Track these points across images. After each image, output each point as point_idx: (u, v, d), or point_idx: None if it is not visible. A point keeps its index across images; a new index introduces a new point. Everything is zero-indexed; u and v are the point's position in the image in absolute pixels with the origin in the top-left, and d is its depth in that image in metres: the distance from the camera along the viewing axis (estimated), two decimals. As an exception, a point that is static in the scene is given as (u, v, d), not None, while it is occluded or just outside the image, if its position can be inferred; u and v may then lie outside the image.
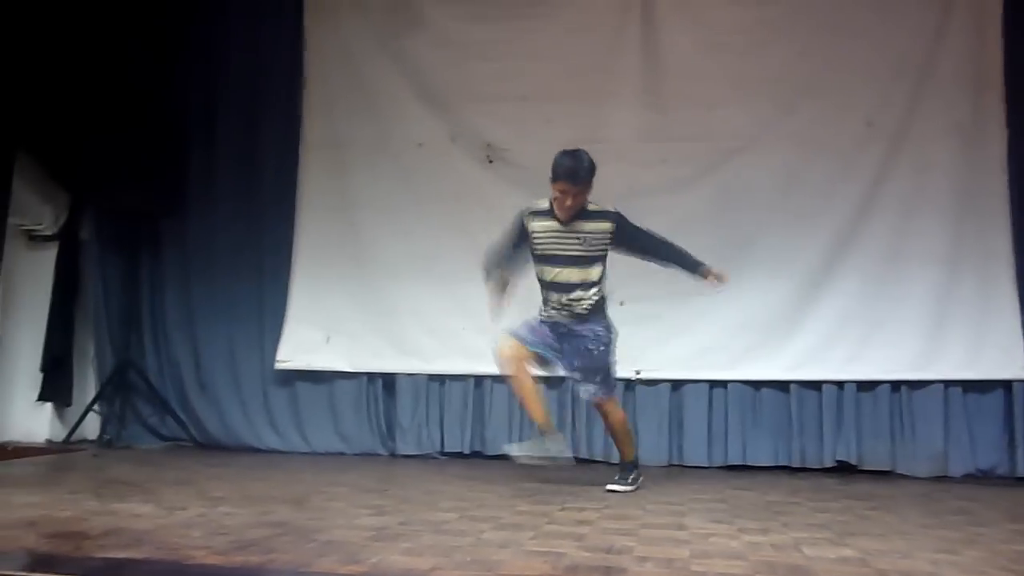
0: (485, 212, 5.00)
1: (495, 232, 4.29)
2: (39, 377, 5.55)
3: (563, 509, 3.52)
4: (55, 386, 5.58)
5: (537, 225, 4.15)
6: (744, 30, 5.29)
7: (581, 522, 3.24)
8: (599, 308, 4.20)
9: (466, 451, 5.42)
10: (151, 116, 5.49)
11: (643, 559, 2.61)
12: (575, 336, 4.17)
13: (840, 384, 5.11)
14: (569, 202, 4.05)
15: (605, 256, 4.17)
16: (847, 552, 2.79)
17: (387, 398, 5.58)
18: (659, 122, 5.33)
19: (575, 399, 5.32)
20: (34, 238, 5.64)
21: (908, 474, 4.96)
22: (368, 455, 5.43)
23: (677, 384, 5.28)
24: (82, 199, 5.64)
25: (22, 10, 5.08)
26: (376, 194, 5.55)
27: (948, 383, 5.00)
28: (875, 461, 5.03)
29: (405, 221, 5.48)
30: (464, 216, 5.34)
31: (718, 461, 5.18)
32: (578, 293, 4.13)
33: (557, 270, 4.14)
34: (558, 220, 4.12)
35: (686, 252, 4.26)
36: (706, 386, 5.24)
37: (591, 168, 4.08)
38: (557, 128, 5.28)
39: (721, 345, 5.19)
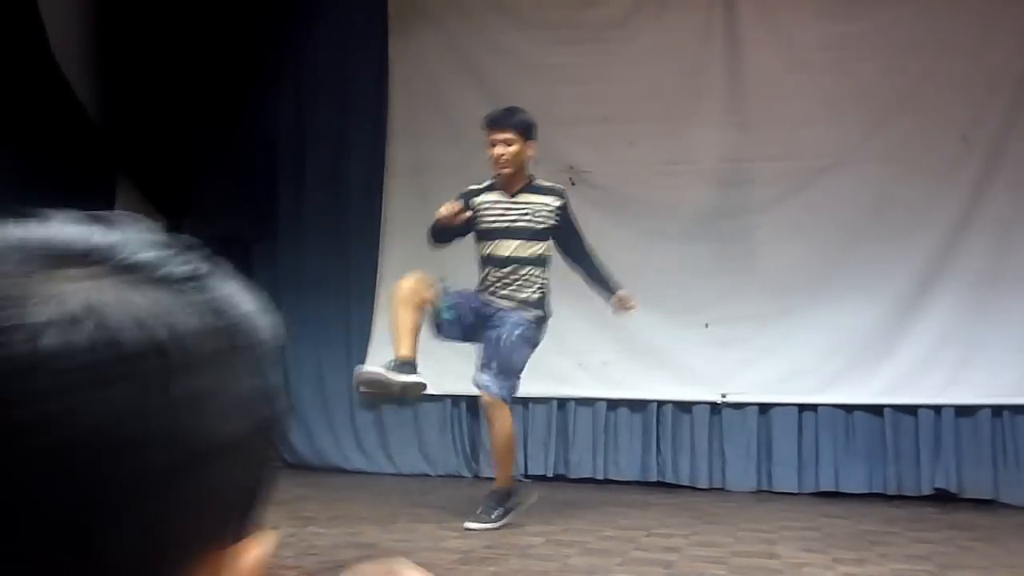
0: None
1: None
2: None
3: (649, 535, 3.48)
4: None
5: (480, 200, 3.97)
6: (831, 47, 5.19)
7: (669, 549, 3.19)
8: (539, 299, 3.92)
9: (549, 474, 5.39)
10: (244, 144, 5.67)
11: (735, 588, 2.56)
12: (499, 321, 3.87)
13: (937, 408, 4.93)
14: (499, 150, 3.84)
15: (549, 237, 3.94)
16: (950, 586, 2.68)
17: (471, 420, 5.60)
18: (744, 142, 5.26)
19: (661, 421, 5.26)
20: (133, 264, 5.86)
21: (1012, 503, 4.74)
22: (452, 476, 5.46)
23: (765, 408, 5.17)
24: (179, 225, 5.84)
25: (123, 43, 5.32)
26: (459, 217, 5.60)
27: (1054, 408, 4.78)
28: (977, 489, 4.83)
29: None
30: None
31: (809, 487, 5.04)
32: (516, 269, 3.89)
33: (495, 242, 3.92)
34: (502, 191, 3.95)
35: (603, 269, 4.06)
36: (795, 410, 5.12)
37: (524, 120, 3.90)
38: (639, 150, 5.26)
39: (810, 368, 5.06)
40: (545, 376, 5.32)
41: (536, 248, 3.93)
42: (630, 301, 4.04)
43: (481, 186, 4.03)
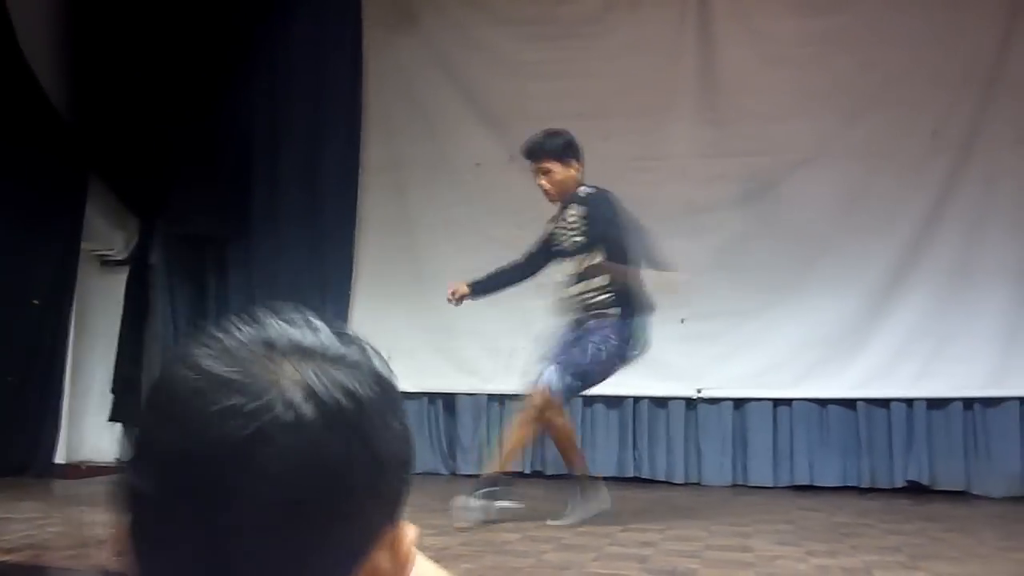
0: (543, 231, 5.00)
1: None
2: (110, 397, 5.69)
3: (625, 530, 3.48)
4: (126, 406, 5.71)
5: (549, 223, 3.97)
6: (804, 42, 5.22)
7: (644, 543, 3.20)
8: (615, 306, 3.71)
9: (527, 471, 5.39)
10: (217, 144, 5.63)
11: (708, 582, 2.57)
12: (580, 329, 3.74)
13: (910, 402, 4.97)
14: (540, 181, 3.82)
15: (593, 245, 3.76)
16: (921, 576, 2.71)
17: (448, 417, 5.60)
18: (718, 137, 5.28)
19: (637, 417, 5.28)
20: (106, 263, 5.80)
21: (983, 494, 4.79)
22: (429, 474, 5.45)
23: (740, 402, 5.20)
24: (151, 224, 5.80)
25: (94, 42, 5.26)
26: (435, 214, 5.60)
27: (1024, 400, 4.84)
28: (949, 481, 4.88)
29: (464, 240, 5.50)
30: (522, 234, 5.34)
31: (784, 481, 5.07)
32: (576, 289, 3.78)
33: (556, 265, 3.91)
34: (556, 208, 3.91)
35: (650, 254, 3.85)
36: (770, 404, 5.15)
37: (555, 145, 3.80)
38: (614, 145, 5.26)
39: (784, 362, 5.10)
40: (522, 373, 5.33)
41: (584, 261, 3.77)
42: (675, 286, 3.86)
43: None
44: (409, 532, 0.58)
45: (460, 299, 4.05)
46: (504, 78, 5.58)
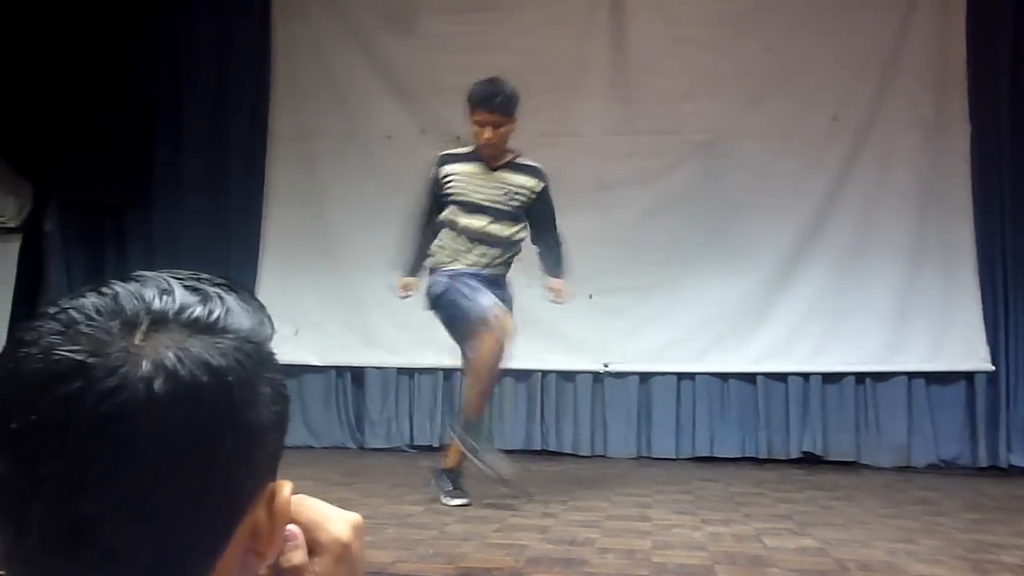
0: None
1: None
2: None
3: (529, 502, 3.53)
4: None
5: (454, 168, 3.67)
6: (712, 24, 5.31)
7: (546, 514, 3.25)
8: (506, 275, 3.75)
9: (436, 444, 5.40)
10: (116, 108, 5.43)
11: (605, 551, 2.63)
12: (504, 291, 3.72)
13: (806, 376, 5.16)
14: (488, 134, 3.56)
15: (522, 219, 3.75)
16: (807, 542, 2.83)
17: (356, 391, 5.56)
18: (627, 115, 5.35)
19: (545, 390, 5.34)
20: (-3, 230, 5.57)
21: (872, 464, 5.01)
22: (337, 448, 5.42)
23: (645, 376, 5.30)
24: (46, 191, 5.57)
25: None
26: (345, 186, 5.52)
27: (911, 375, 5.06)
28: (840, 452, 5.09)
29: (374, 213, 5.44)
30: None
31: (686, 453, 5.21)
32: (503, 252, 3.69)
33: (487, 221, 3.64)
34: (483, 163, 3.66)
35: (562, 259, 3.91)
36: (674, 378, 5.27)
37: (513, 96, 3.64)
38: (525, 120, 5.14)
39: (689, 337, 5.22)
40: (430, 346, 5.31)
41: (519, 230, 3.72)
42: (564, 295, 3.87)
43: (457, 152, 3.75)
44: (284, 489, 0.58)
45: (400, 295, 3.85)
46: (416, 50, 5.52)
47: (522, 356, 5.26)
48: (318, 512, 0.62)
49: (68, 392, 0.49)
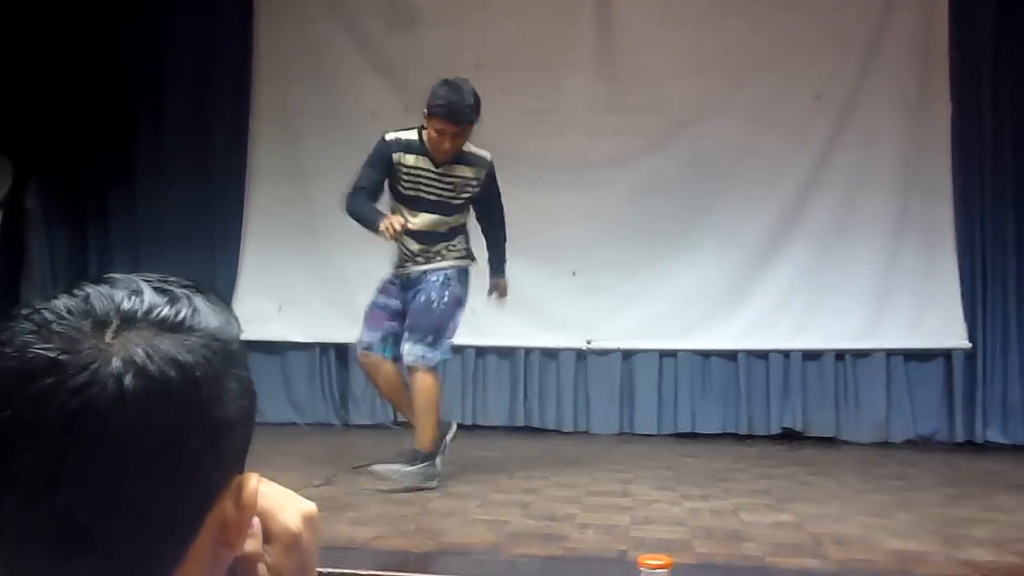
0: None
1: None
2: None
3: (511, 478, 3.57)
4: None
5: (409, 160, 3.62)
6: (697, 3, 5.31)
7: (528, 490, 3.29)
8: (461, 258, 3.74)
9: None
10: (99, 84, 5.38)
11: (584, 526, 2.67)
12: (423, 284, 3.65)
13: (787, 353, 5.21)
14: (447, 145, 3.51)
15: (467, 208, 3.77)
16: (784, 517, 2.87)
17: (340, 368, 5.58)
18: (612, 93, 5.35)
19: (528, 367, 5.37)
20: (-23, 207, 5.52)
21: (851, 440, 5.08)
22: (321, 425, 5.44)
23: (628, 354, 5.34)
24: (27, 167, 5.53)
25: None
26: (328, 163, 5.47)
27: (891, 352, 5.12)
28: (820, 428, 5.15)
29: (358, 191, 5.44)
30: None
31: (668, 429, 5.26)
32: (440, 245, 3.68)
33: (421, 215, 3.62)
34: (431, 159, 3.60)
35: (503, 248, 3.93)
36: (656, 355, 5.31)
37: (477, 104, 3.54)
38: (510, 97, 5.26)
39: (672, 314, 5.25)
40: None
41: (460, 218, 3.72)
42: (505, 292, 3.94)
43: (410, 140, 3.66)
44: (251, 481, 0.59)
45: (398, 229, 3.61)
46: (401, 26, 5.49)
47: (505, 333, 5.33)
48: (272, 501, 0.63)
49: (41, 388, 0.51)
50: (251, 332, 5.40)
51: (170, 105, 5.65)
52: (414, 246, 3.68)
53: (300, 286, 5.49)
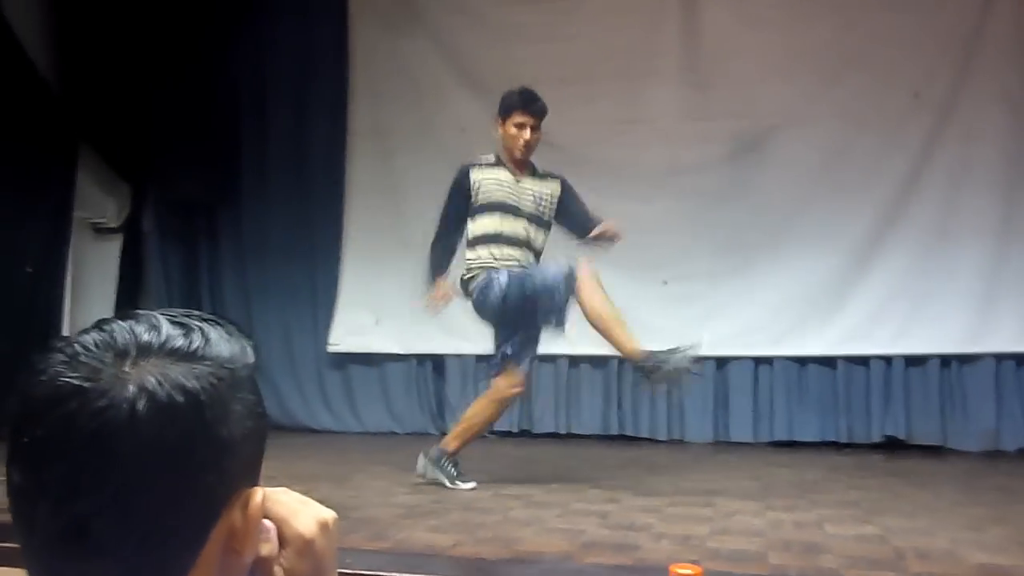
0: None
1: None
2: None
3: (596, 487, 3.59)
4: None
5: (486, 175, 3.73)
6: (786, 4, 5.23)
7: (610, 500, 3.31)
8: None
9: (515, 430, 5.51)
10: (204, 108, 5.70)
11: (660, 536, 2.68)
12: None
13: (888, 359, 5.06)
14: (527, 136, 3.63)
15: (551, 226, 3.84)
16: (868, 530, 2.81)
17: (437, 379, 5.72)
18: (700, 99, 5.31)
19: (622, 376, 5.37)
20: (99, 230, 5.90)
21: (958, 449, 4.89)
22: (419, 434, 5.58)
23: (722, 362, 5.29)
24: (143, 191, 5.89)
25: (80, 11, 5.31)
26: (421, 179, 5.63)
27: (1000, 356, 4.92)
28: (925, 436, 4.98)
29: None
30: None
31: (764, 438, 5.18)
32: (533, 260, 3.71)
33: (523, 224, 3.68)
34: (510, 173, 3.73)
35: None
36: (751, 363, 5.24)
37: (545, 106, 3.74)
38: (597, 108, 5.31)
39: (765, 322, 5.18)
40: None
41: (542, 238, 3.76)
42: (613, 230, 3.82)
43: (484, 162, 3.81)
44: (256, 495, 0.67)
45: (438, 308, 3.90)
46: (489, 42, 5.61)
47: (599, 343, 5.35)
48: (288, 508, 0.70)
49: (68, 411, 0.61)
50: (351, 344, 5.70)
51: (271, 126, 5.92)
52: (516, 253, 3.72)
53: (396, 299, 5.64)
